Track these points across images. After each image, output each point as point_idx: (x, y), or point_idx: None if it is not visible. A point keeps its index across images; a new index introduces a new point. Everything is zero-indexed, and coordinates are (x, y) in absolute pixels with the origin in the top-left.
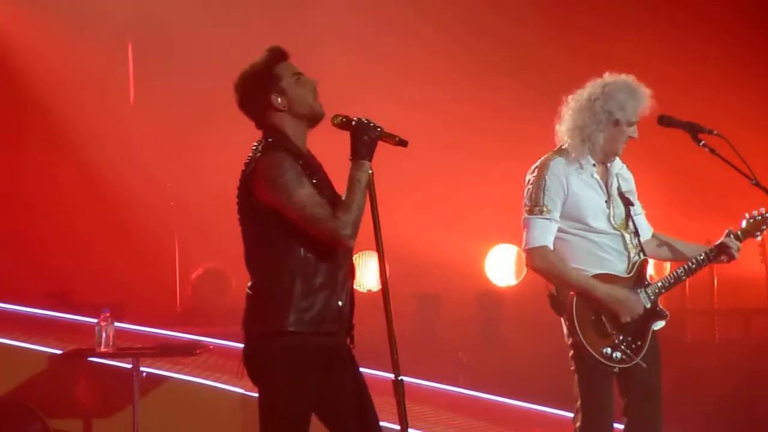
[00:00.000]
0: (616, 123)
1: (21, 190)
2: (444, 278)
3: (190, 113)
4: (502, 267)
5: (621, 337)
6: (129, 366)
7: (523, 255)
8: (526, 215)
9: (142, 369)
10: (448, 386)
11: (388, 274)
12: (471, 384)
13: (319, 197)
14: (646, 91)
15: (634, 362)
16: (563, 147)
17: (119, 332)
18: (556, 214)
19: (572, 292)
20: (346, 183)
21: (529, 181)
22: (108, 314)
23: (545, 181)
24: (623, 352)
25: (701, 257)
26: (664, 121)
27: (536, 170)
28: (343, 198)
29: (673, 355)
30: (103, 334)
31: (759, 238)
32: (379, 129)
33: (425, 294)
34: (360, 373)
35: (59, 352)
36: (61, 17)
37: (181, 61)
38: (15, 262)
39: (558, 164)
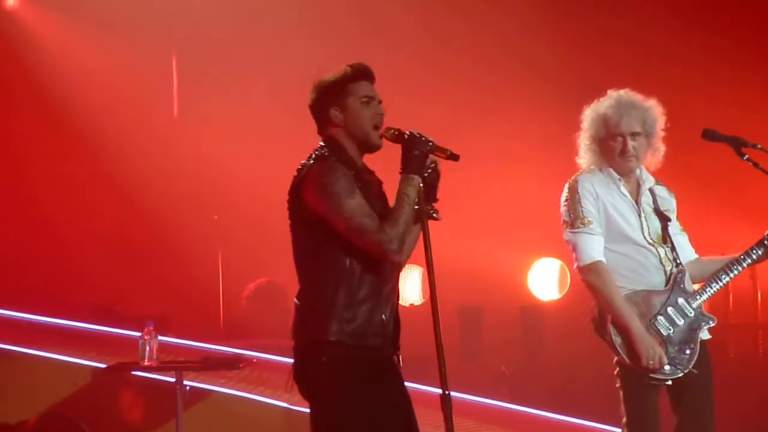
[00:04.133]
0: (607, 136)
1: (66, 205)
2: (487, 292)
3: (233, 127)
4: (545, 281)
5: (668, 349)
6: (172, 379)
7: (567, 269)
8: (568, 231)
9: (185, 382)
10: (490, 400)
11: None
12: (514, 397)
13: (368, 208)
14: (636, 101)
15: (686, 371)
16: (579, 163)
17: (162, 346)
18: (598, 227)
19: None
20: (395, 197)
21: (563, 200)
22: (151, 327)
23: (579, 195)
24: (673, 364)
25: (743, 258)
26: (708, 135)
27: (567, 189)
28: (391, 212)
29: (715, 369)
30: (147, 348)
31: None
32: (430, 143)
33: (468, 307)
34: (406, 389)
35: (103, 365)
36: (108, 33)
37: (225, 75)
38: (60, 276)
39: (587, 179)
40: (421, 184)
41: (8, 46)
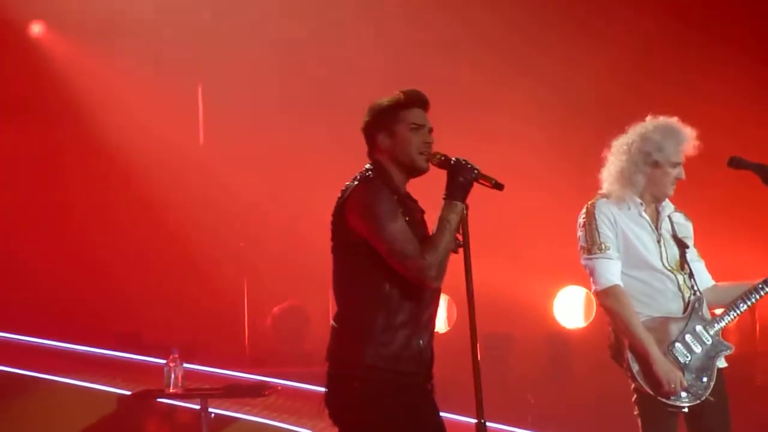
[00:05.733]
0: (656, 164)
1: (93, 231)
2: (513, 319)
3: (259, 154)
4: (570, 309)
5: (685, 376)
6: (197, 407)
7: (593, 297)
8: (586, 257)
9: (210, 410)
10: (516, 428)
11: (456, 317)
12: (539, 425)
13: (410, 234)
14: (687, 132)
15: (703, 399)
16: (604, 192)
17: (188, 373)
18: (616, 252)
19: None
20: (436, 223)
21: (580, 225)
22: (177, 355)
23: (596, 220)
24: (689, 391)
25: (761, 287)
26: (734, 163)
27: (584, 214)
28: (431, 238)
29: (742, 398)
30: (172, 375)
31: None
32: (476, 171)
33: (494, 334)
34: (443, 421)
35: (128, 392)
36: (136, 62)
37: (250, 103)
38: (86, 303)
39: (604, 205)
40: (465, 212)
41: (43, 74)
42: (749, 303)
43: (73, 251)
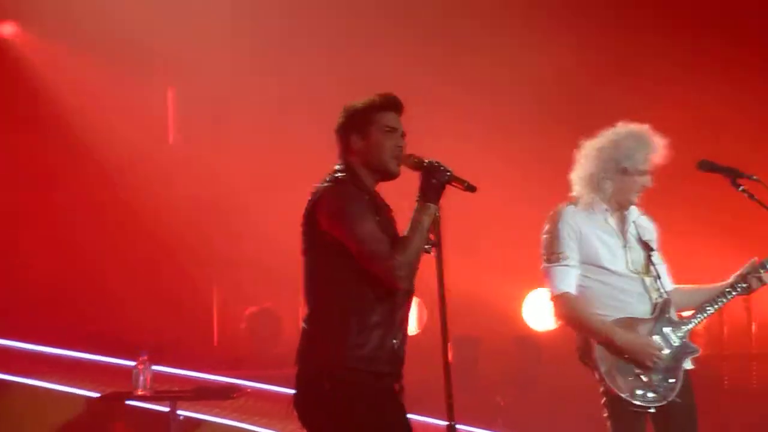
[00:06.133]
0: (625, 171)
1: (59, 232)
2: (482, 322)
3: (229, 156)
4: (540, 311)
5: (652, 377)
6: (166, 409)
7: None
8: (544, 264)
9: (179, 412)
10: (486, 430)
11: (426, 319)
12: (509, 428)
13: (380, 234)
14: (657, 141)
15: (669, 399)
16: (574, 195)
17: (157, 375)
18: (575, 261)
19: (593, 341)
20: (408, 224)
21: (544, 231)
22: (146, 357)
23: (559, 229)
24: (656, 391)
25: (728, 291)
26: (704, 166)
27: (549, 220)
28: (402, 239)
29: (710, 400)
30: (141, 377)
31: None
32: (449, 173)
33: (463, 337)
34: (409, 421)
35: (97, 395)
36: (106, 59)
37: (222, 105)
38: (53, 305)
39: (570, 212)
40: (437, 214)
41: (17, 77)
42: (717, 306)
43: (42, 253)
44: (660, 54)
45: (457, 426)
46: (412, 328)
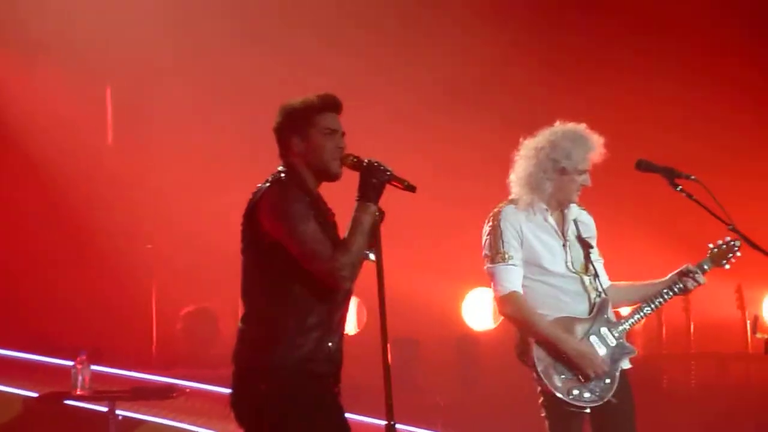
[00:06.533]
0: (563, 171)
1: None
2: (422, 323)
3: (167, 156)
4: (479, 311)
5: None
6: (105, 409)
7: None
8: (489, 265)
9: (118, 412)
10: (426, 430)
11: (365, 319)
12: (449, 428)
13: (321, 235)
14: (594, 140)
15: (605, 400)
16: (514, 196)
17: (95, 375)
18: (519, 260)
19: (532, 340)
20: (349, 224)
21: (485, 232)
22: (84, 357)
23: (500, 229)
24: (592, 391)
25: (665, 291)
26: (642, 166)
27: (490, 220)
28: (344, 239)
29: (648, 401)
30: (80, 377)
31: (727, 266)
32: (389, 173)
33: (403, 339)
34: (347, 422)
35: (35, 394)
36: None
37: (161, 105)
38: None
39: (510, 211)
40: (378, 213)
41: None
42: (654, 306)
43: None
44: (596, 55)
45: (397, 425)
46: (351, 327)
